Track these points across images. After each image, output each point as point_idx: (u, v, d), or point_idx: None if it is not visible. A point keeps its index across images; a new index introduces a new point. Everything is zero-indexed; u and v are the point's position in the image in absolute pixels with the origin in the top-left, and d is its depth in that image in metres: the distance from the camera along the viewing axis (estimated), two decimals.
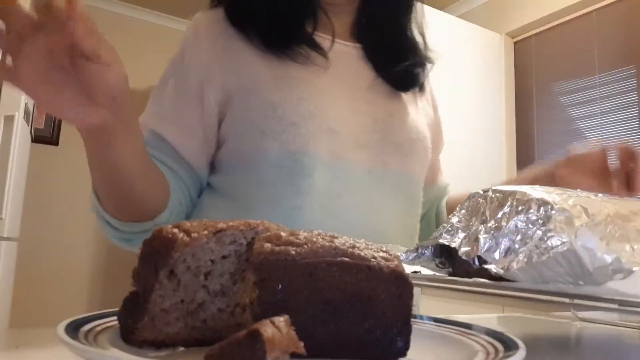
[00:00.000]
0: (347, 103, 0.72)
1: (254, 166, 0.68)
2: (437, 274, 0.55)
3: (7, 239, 2.21)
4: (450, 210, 0.88)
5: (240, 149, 0.70)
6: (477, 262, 0.48)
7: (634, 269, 0.43)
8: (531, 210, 0.47)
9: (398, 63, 0.78)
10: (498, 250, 0.47)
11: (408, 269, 0.42)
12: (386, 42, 0.80)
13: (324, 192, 0.67)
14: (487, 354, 0.33)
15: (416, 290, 0.44)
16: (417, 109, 0.80)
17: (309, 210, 0.66)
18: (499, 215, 0.49)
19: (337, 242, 0.35)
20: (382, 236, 0.67)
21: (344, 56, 0.77)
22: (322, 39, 0.75)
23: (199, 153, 0.71)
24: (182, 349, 0.37)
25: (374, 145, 0.71)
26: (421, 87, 0.83)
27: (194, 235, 0.34)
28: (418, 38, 0.84)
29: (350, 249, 0.34)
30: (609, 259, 0.43)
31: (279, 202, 0.67)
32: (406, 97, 0.79)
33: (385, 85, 0.77)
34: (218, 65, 0.70)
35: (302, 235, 0.35)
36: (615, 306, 0.43)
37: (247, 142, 0.68)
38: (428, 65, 0.84)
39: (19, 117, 2.10)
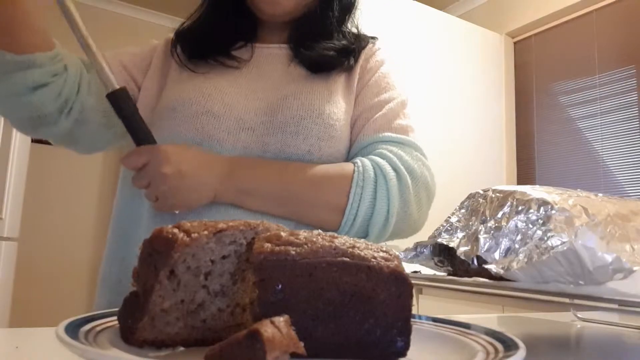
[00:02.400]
0: (244, 91, 0.78)
1: None
2: (437, 273, 0.55)
3: (7, 239, 2.21)
4: None
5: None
6: (475, 262, 0.48)
7: (635, 268, 0.43)
8: (531, 210, 0.47)
9: (316, 50, 0.81)
10: (498, 250, 0.47)
11: (408, 268, 0.42)
12: (314, 40, 0.83)
13: None
14: (487, 354, 0.33)
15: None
16: (331, 86, 0.80)
17: None
18: (499, 215, 0.49)
19: (337, 242, 0.35)
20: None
21: (265, 57, 0.84)
22: (246, 47, 0.85)
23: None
24: (182, 349, 0.37)
25: (258, 127, 0.74)
26: (347, 68, 0.83)
27: (194, 235, 0.34)
28: (352, 29, 0.89)
29: (350, 249, 0.34)
30: (609, 258, 0.44)
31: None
32: (319, 77, 0.80)
33: (301, 69, 0.81)
34: (156, 72, 0.85)
35: (302, 235, 0.35)
36: (615, 306, 0.43)
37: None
38: (356, 48, 0.85)
39: None
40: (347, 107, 0.80)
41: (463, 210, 0.55)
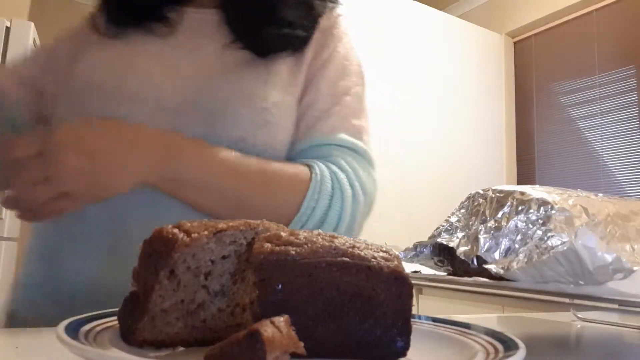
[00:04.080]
0: (166, 66, 0.67)
1: None
2: (437, 273, 0.55)
3: (7, 239, 2.21)
4: None
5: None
6: (475, 262, 0.48)
7: (635, 268, 0.43)
8: (531, 210, 0.47)
9: (261, 25, 0.70)
10: (498, 250, 0.47)
11: (408, 268, 0.42)
12: (247, 8, 0.71)
13: None
14: (487, 354, 0.33)
15: None
16: (268, 68, 0.69)
17: None
18: (499, 215, 0.49)
19: (337, 242, 0.35)
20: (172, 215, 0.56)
21: (196, 24, 0.72)
22: (173, 11, 0.72)
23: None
24: (182, 349, 0.37)
25: (181, 110, 0.64)
26: (298, 46, 0.71)
27: (194, 235, 0.34)
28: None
29: (350, 249, 0.34)
30: (609, 258, 0.44)
31: None
32: (259, 57, 0.69)
33: (236, 48, 0.69)
34: (66, 58, 0.73)
35: (302, 235, 0.35)
36: (616, 306, 0.43)
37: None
38: (308, 24, 0.73)
39: None
40: (291, 88, 0.70)
41: (463, 210, 0.55)
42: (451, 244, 0.51)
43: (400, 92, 2.57)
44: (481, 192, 0.54)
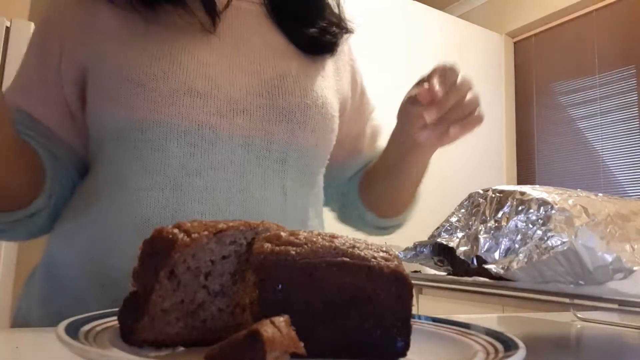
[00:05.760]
0: (225, 61, 0.62)
1: (102, 140, 0.61)
2: (437, 272, 0.55)
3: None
4: (367, 178, 0.80)
5: (93, 123, 0.62)
6: (475, 262, 0.48)
7: (635, 268, 0.43)
8: (531, 210, 0.47)
9: (305, 24, 0.70)
10: (498, 250, 0.47)
11: (408, 268, 0.42)
12: (294, 1, 0.71)
13: (178, 168, 0.58)
14: (487, 354, 0.33)
15: None
16: (322, 72, 0.70)
17: (159, 192, 0.57)
18: (499, 215, 0.49)
19: (337, 242, 0.35)
20: (258, 219, 0.60)
21: (241, 13, 0.68)
22: None
23: (72, 130, 0.64)
24: (182, 349, 0.37)
25: (255, 110, 0.62)
26: (332, 51, 0.73)
27: (194, 235, 0.34)
28: (333, 6, 0.76)
29: (350, 249, 0.34)
30: (609, 258, 0.44)
31: (126, 182, 0.58)
32: (310, 59, 0.70)
33: (289, 46, 0.68)
34: (73, 36, 0.62)
35: (302, 235, 0.35)
36: (616, 306, 0.43)
37: (97, 114, 0.61)
38: (344, 34, 0.75)
39: None
40: (337, 95, 0.72)
41: (463, 210, 0.55)
42: (451, 244, 0.51)
43: (400, 92, 2.57)
44: (481, 192, 0.54)
